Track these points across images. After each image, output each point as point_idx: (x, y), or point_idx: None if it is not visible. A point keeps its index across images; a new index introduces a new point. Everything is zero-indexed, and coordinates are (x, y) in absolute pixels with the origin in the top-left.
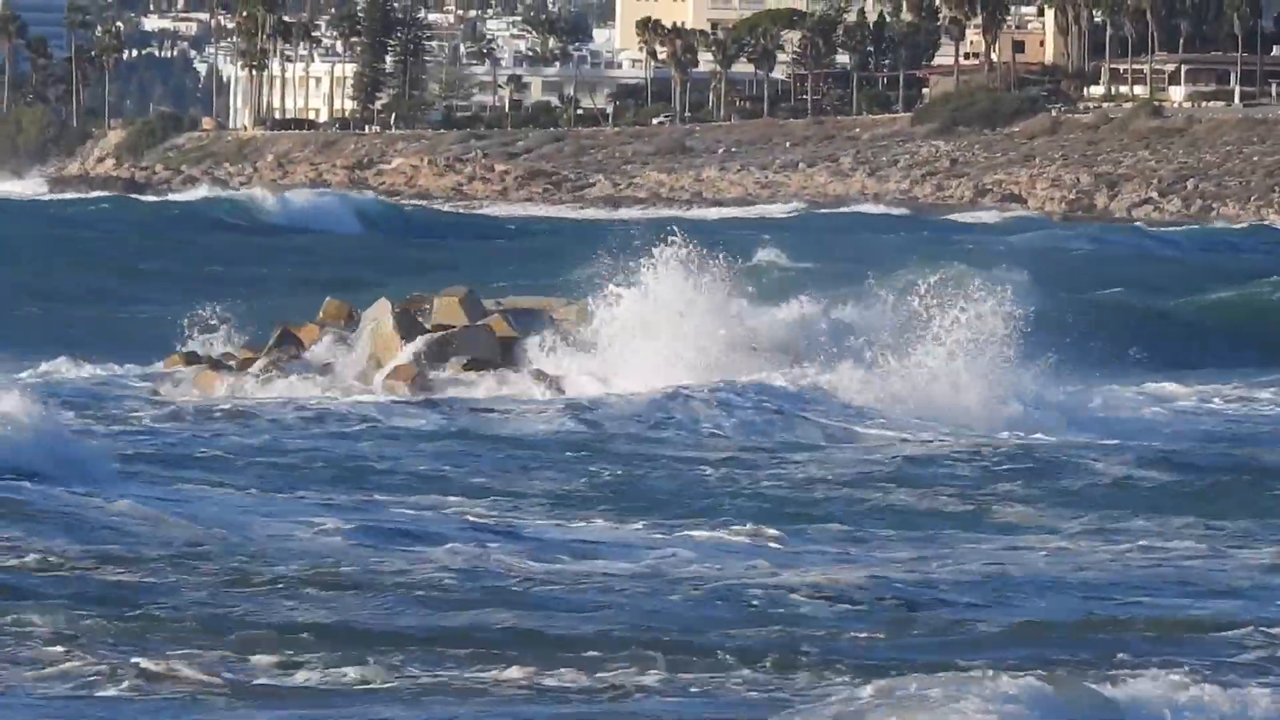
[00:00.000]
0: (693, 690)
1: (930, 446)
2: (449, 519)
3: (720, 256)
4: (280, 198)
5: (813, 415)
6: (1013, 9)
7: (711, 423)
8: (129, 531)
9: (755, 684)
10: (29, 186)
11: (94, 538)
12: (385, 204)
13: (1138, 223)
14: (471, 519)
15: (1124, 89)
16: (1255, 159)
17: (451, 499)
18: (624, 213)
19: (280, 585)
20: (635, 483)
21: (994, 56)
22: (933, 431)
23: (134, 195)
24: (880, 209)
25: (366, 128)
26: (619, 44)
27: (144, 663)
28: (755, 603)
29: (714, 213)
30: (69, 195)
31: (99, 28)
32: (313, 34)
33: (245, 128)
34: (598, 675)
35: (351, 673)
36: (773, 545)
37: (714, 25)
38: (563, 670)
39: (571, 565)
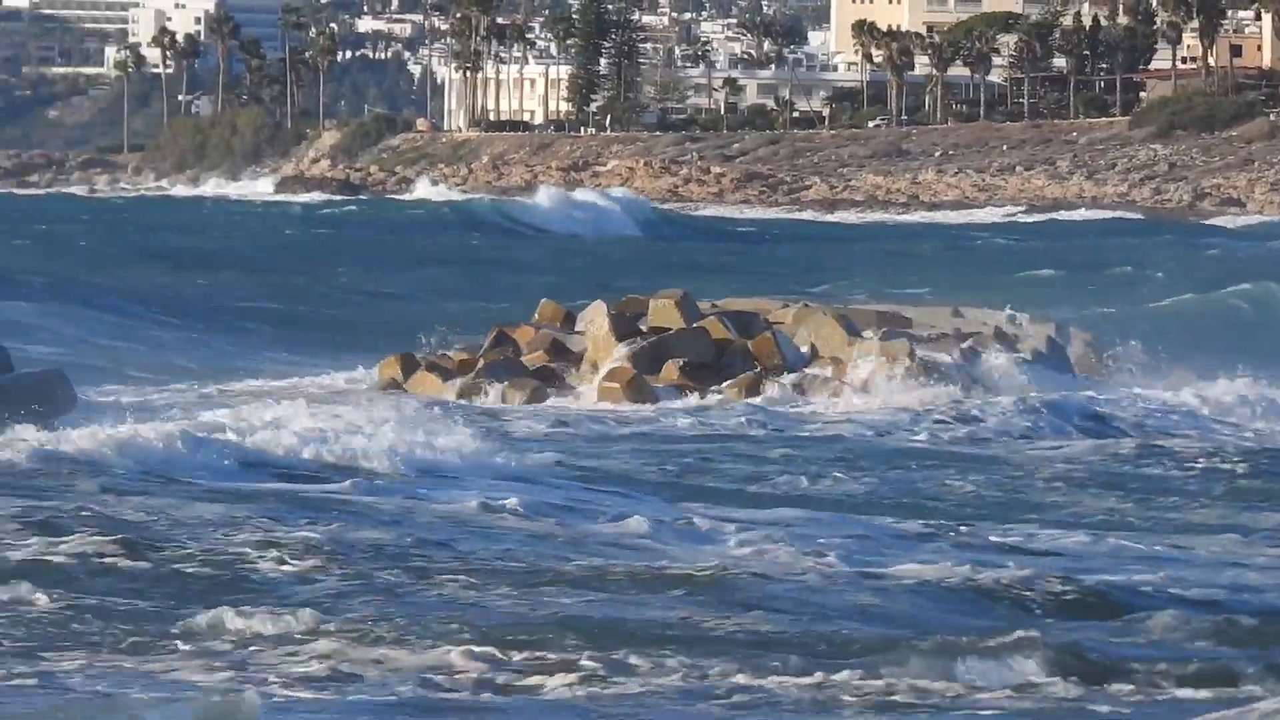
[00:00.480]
0: None
1: None
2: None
3: None
4: (556, 199)
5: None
6: (1230, 13)
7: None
8: None
9: None
10: (255, 187)
11: None
12: (660, 209)
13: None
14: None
15: None
16: None
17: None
18: (840, 215)
19: None
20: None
21: (1211, 60)
22: None
23: (388, 196)
24: (1111, 213)
25: (581, 130)
26: (834, 46)
27: None
28: None
29: (940, 216)
30: (310, 197)
31: (313, 29)
32: (527, 36)
33: (460, 129)
34: None
35: None
36: None
37: (930, 28)
38: None
39: None
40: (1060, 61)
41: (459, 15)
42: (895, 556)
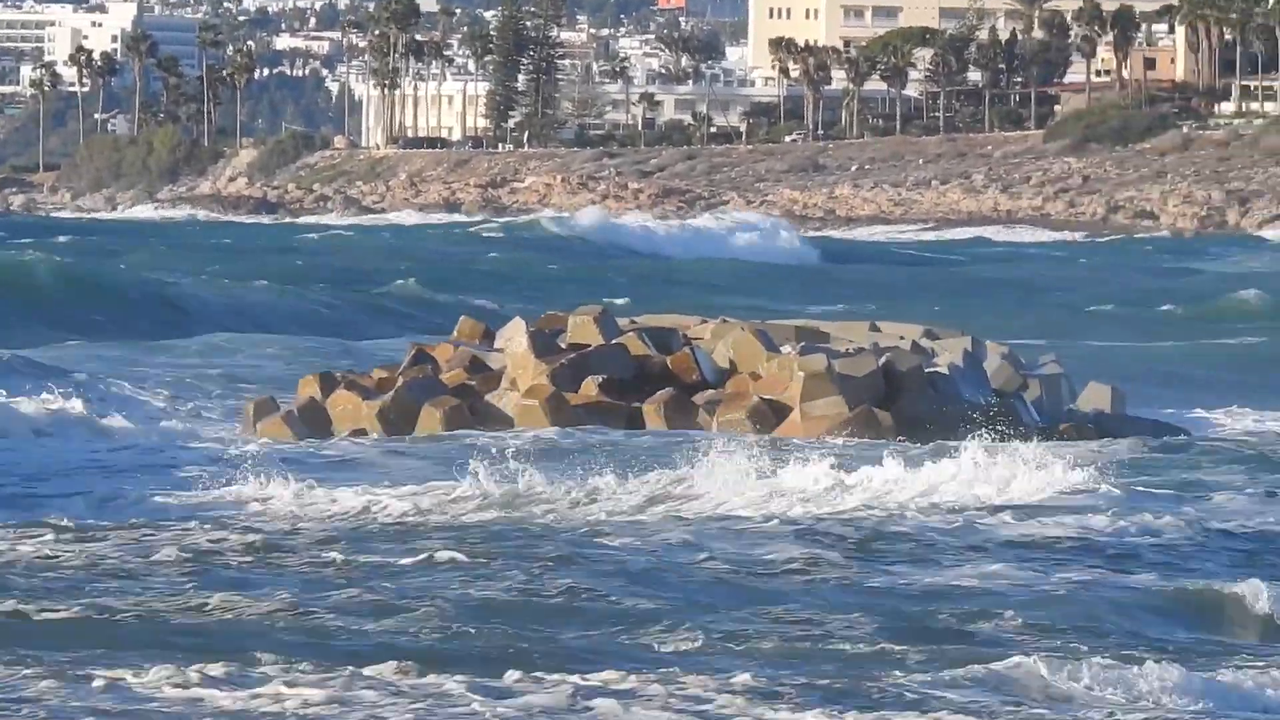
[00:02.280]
0: None
1: None
2: None
3: None
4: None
5: None
6: (1143, 26)
7: None
8: None
9: None
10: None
11: None
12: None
13: (1267, 239)
14: None
15: (1254, 105)
16: None
17: None
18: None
19: None
20: None
21: (1125, 74)
22: None
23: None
24: (1050, 235)
25: (499, 146)
26: (752, 62)
27: None
28: None
29: (865, 233)
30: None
31: (230, 47)
32: (445, 53)
33: (378, 146)
34: None
35: None
36: None
37: (846, 43)
38: None
39: None
40: (976, 75)
41: (377, 32)
42: None
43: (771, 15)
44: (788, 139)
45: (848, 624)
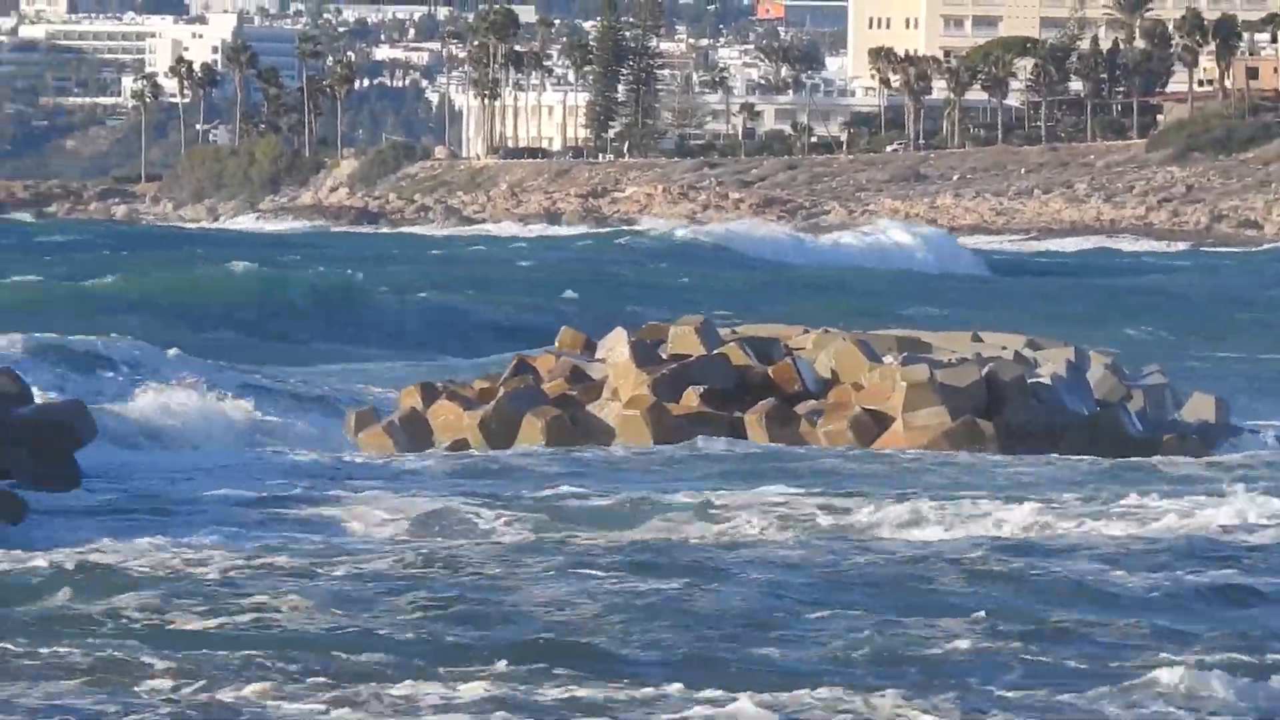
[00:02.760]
0: None
1: None
2: None
3: None
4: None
5: None
6: (1245, 35)
7: None
8: None
9: None
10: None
11: None
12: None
13: None
14: None
15: None
16: None
17: None
18: None
19: None
20: None
21: (1228, 83)
22: None
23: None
24: (1153, 245)
25: (599, 156)
26: (852, 71)
27: None
28: None
29: (969, 242)
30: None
31: (330, 58)
32: (545, 63)
33: (478, 156)
34: None
35: None
36: None
37: (947, 53)
38: None
39: None
40: (1077, 85)
41: (476, 43)
42: None
43: (871, 25)
44: (889, 149)
45: None
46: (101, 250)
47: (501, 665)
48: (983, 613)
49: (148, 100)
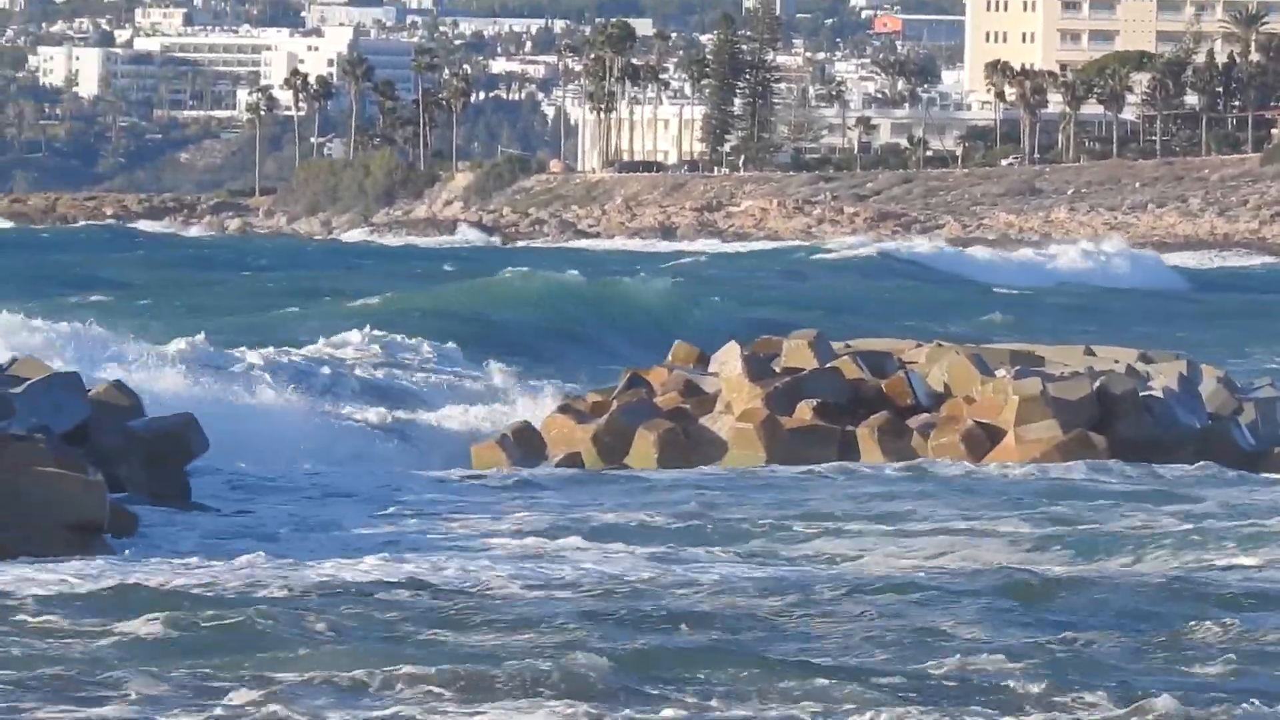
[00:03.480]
0: None
1: None
2: None
3: None
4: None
5: None
6: None
7: None
8: None
9: None
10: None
11: None
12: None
13: None
14: None
15: None
16: None
17: None
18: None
19: None
20: None
21: None
22: None
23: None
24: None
25: (715, 170)
26: (968, 85)
27: None
28: None
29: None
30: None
31: (446, 70)
32: (660, 76)
33: (593, 170)
34: None
35: None
36: None
37: (1063, 67)
38: None
39: None
40: (1193, 99)
41: (593, 56)
42: None
43: (988, 39)
44: (1004, 162)
45: None
46: (296, 269)
47: None
48: None
49: (262, 113)
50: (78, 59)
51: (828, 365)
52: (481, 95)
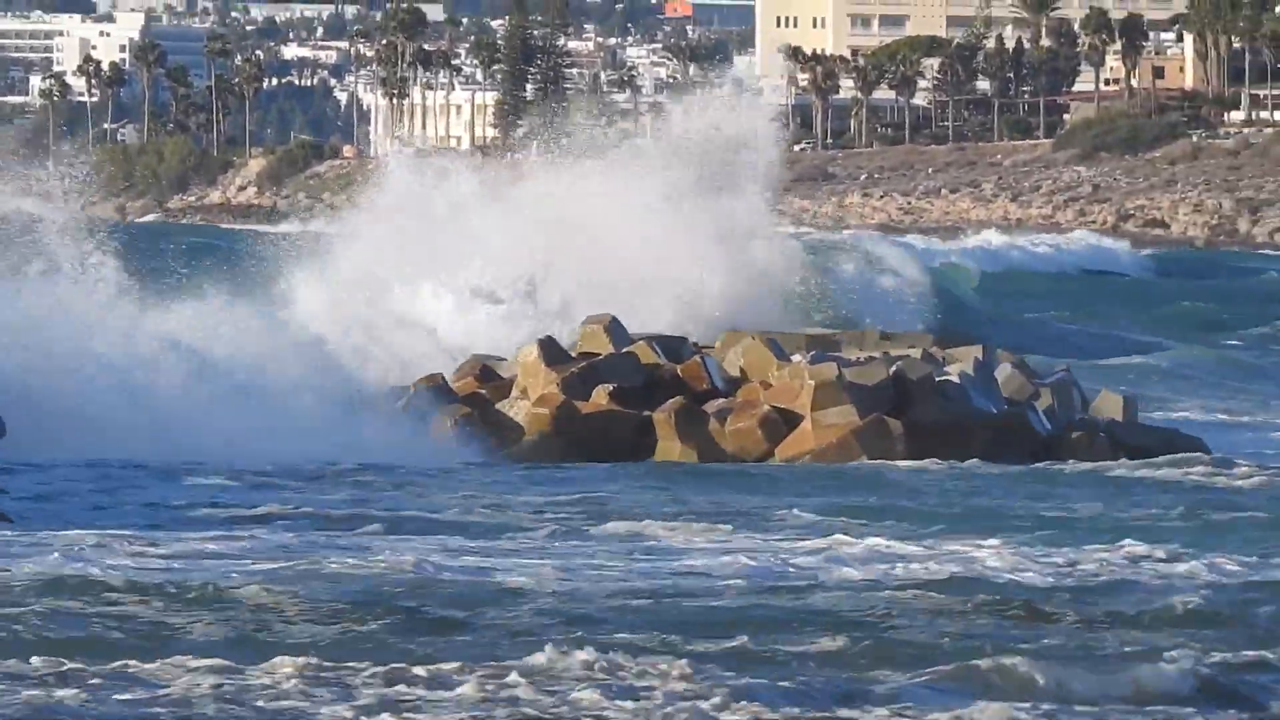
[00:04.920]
0: None
1: None
2: None
3: None
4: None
5: None
6: (1151, 35)
7: None
8: None
9: None
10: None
11: None
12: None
13: None
14: None
15: (1264, 114)
16: None
17: None
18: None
19: None
20: None
21: (1134, 82)
22: None
23: None
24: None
25: (508, 155)
26: (760, 70)
27: None
28: None
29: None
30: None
31: (239, 56)
32: (453, 62)
33: (386, 155)
34: None
35: None
36: None
37: (854, 52)
38: None
39: None
40: (984, 84)
41: (385, 42)
42: None
43: (779, 24)
44: (796, 148)
45: None
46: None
47: None
48: None
49: (55, 99)
50: None
51: (624, 350)
52: (274, 81)
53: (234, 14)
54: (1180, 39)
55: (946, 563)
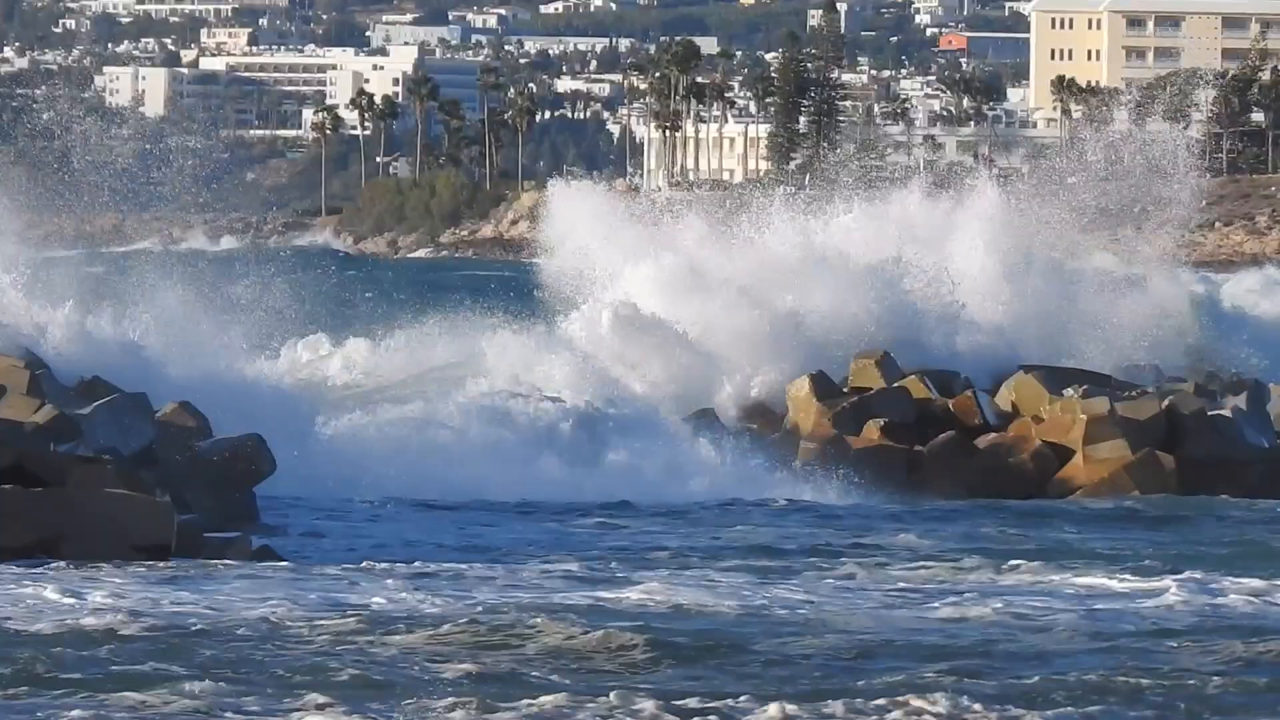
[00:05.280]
0: None
1: None
2: None
3: None
4: None
5: None
6: None
7: None
8: None
9: None
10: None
11: None
12: None
13: None
14: None
15: None
16: None
17: None
18: None
19: None
20: None
21: None
22: None
23: None
24: None
25: (780, 188)
26: (1034, 103)
27: None
28: None
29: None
30: None
31: (511, 90)
32: (726, 95)
33: (659, 188)
34: None
35: None
36: None
37: (1128, 84)
38: None
39: None
40: (1259, 116)
41: (658, 75)
42: None
43: (1053, 56)
44: (1069, 180)
45: None
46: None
47: None
48: None
49: (328, 133)
50: (144, 79)
51: (895, 385)
52: (547, 114)
53: (507, 47)
54: None
55: None
